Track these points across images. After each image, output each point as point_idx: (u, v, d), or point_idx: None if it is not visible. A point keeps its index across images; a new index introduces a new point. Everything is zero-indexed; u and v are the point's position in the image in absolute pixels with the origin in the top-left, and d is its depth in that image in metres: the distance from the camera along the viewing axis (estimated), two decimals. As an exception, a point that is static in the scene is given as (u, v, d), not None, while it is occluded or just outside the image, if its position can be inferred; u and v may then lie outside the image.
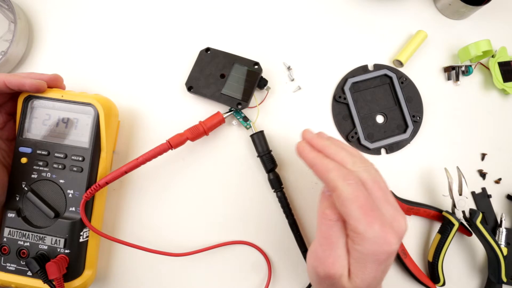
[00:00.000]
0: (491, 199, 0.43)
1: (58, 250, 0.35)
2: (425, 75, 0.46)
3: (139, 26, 0.47)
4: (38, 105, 0.37)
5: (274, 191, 0.41)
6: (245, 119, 0.43)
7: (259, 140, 0.41)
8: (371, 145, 0.43)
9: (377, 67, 0.45)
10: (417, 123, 0.44)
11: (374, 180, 0.27)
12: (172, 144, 0.38)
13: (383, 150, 0.44)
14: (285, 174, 0.43)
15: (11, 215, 0.36)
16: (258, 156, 0.41)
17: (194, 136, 0.40)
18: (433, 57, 0.46)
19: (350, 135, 0.43)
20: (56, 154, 0.37)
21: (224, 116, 0.42)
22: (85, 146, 0.37)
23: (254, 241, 0.41)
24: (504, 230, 0.42)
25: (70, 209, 0.36)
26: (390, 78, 0.45)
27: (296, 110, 0.44)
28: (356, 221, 0.25)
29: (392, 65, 0.46)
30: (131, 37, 0.46)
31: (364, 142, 0.43)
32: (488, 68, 0.46)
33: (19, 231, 0.36)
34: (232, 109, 0.43)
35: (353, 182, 0.26)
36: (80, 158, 0.36)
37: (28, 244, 0.35)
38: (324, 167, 0.28)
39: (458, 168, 0.42)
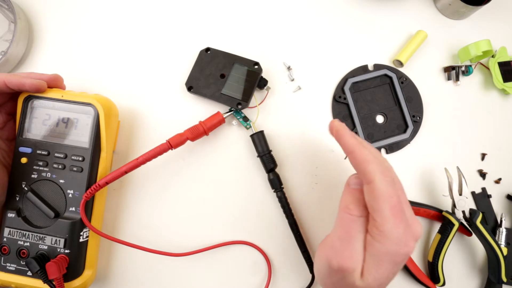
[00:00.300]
0: (491, 199, 0.43)
1: (58, 250, 0.35)
2: (425, 75, 0.46)
3: (139, 26, 0.47)
4: (38, 105, 0.37)
5: (274, 191, 0.41)
6: (245, 119, 0.43)
7: (259, 140, 0.41)
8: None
9: (377, 67, 0.45)
10: (417, 123, 0.44)
11: (400, 182, 0.28)
12: (172, 144, 0.38)
13: (383, 150, 0.44)
14: (285, 174, 0.43)
15: (11, 215, 0.36)
16: (258, 156, 0.41)
17: (194, 136, 0.40)
18: (433, 57, 0.46)
19: (350, 135, 0.43)
20: (56, 154, 0.37)
21: (224, 116, 0.42)
22: (85, 146, 0.37)
23: (254, 241, 0.41)
24: (504, 230, 0.42)
25: (70, 209, 0.36)
26: (390, 78, 0.45)
27: (296, 110, 0.44)
28: (384, 219, 0.25)
29: (392, 65, 0.46)
30: (131, 37, 0.46)
31: (364, 142, 0.43)
32: (488, 68, 0.46)
33: (19, 231, 0.36)
34: (232, 109, 0.43)
35: (390, 179, 0.26)
36: (80, 158, 0.36)
37: (28, 244, 0.35)
38: (364, 156, 0.27)
39: (458, 168, 0.42)
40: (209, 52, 0.44)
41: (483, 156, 0.44)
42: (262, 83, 0.43)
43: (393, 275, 0.27)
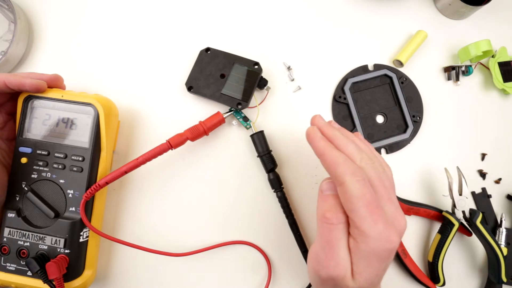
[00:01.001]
0: (491, 199, 0.43)
1: (58, 250, 0.35)
2: (425, 75, 0.46)
3: (139, 26, 0.47)
4: (38, 105, 0.37)
5: (274, 191, 0.41)
6: (245, 119, 0.43)
7: (259, 140, 0.41)
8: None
9: (377, 67, 0.45)
10: (417, 123, 0.44)
11: (380, 178, 0.28)
12: (172, 144, 0.38)
13: (383, 150, 0.44)
14: (285, 174, 0.43)
15: (11, 215, 0.36)
16: (258, 156, 0.41)
17: (194, 136, 0.40)
18: (433, 57, 0.46)
19: (350, 135, 0.43)
20: (56, 154, 0.37)
21: (224, 116, 0.42)
22: (85, 146, 0.37)
23: (254, 241, 0.41)
24: (504, 230, 0.42)
25: (70, 209, 0.36)
26: (390, 78, 0.45)
27: (296, 110, 0.44)
28: (360, 219, 0.25)
29: (392, 65, 0.46)
30: (131, 37, 0.46)
31: (364, 142, 0.43)
32: (488, 68, 0.46)
33: (19, 231, 0.36)
34: (232, 109, 0.43)
35: (360, 179, 0.26)
36: (80, 158, 0.36)
37: (28, 244, 0.35)
38: (334, 159, 0.27)
39: (458, 168, 0.42)
40: (209, 52, 0.44)
41: (483, 156, 0.44)
42: (262, 83, 0.43)
43: (383, 271, 0.27)
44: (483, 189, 0.43)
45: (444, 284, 0.40)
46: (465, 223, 0.40)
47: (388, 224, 0.25)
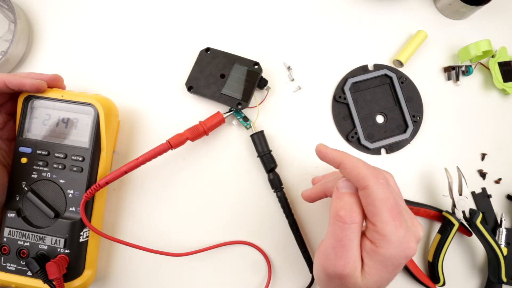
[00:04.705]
0: (491, 199, 0.43)
1: (58, 250, 0.35)
2: (425, 75, 0.46)
3: (139, 26, 0.47)
4: (38, 105, 0.37)
5: (274, 191, 0.41)
6: (245, 119, 0.43)
7: (259, 140, 0.41)
8: (371, 145, 0.43)
9: (377, 67, 0.45)
10: (417, 123, 0.44)
11: (395, 184, 0.28)
12: (172, 144, 0.38)
13: (383, 150, 0.44)
14: (285, 174, 0.43)
15: (11, 215, 0.36)
16: (258, 156, 0.41)
17: (194, 136, 0.40)
18: (433, 57, 0.46)
19: (350, 135, 0.43)
20: (56, 154, 0.37)
21: (224, 116, 0.42)
22: (85, 146, 0.37)
23: (254, 241, 0.41)
24: (504, 230, 0.42)
25: (70, 209, 0.36)
26: (390, 78, 0.45)
27: (296, 110, 0.44)
28: (384, 223, 0.25)
29: (392, 65, 0.46)
30: (131, 37, 0.46)
31: (364, 142, 0.43)
32: (488, 68, 0.46)
33: (19, 231, 0.36)
34: (232, 109, 0.43)
35: (384, 182, 0.26)
36: (80, 158, 0.36)
37: (28, 244, 0.35)
38: (354, 164, 0.27)
39: (458, 168, 0.42)
40: (209, 52, 0.44)
41: (483, 156, 0.44)
42: (262, 83, 0.43)
43: (393, 277, 0.27)
44: (483, 189, 0.43)
45: (444, 284, 0.40)
46: (465, 223, 0.40)
47: (408, 231, 0.25)
